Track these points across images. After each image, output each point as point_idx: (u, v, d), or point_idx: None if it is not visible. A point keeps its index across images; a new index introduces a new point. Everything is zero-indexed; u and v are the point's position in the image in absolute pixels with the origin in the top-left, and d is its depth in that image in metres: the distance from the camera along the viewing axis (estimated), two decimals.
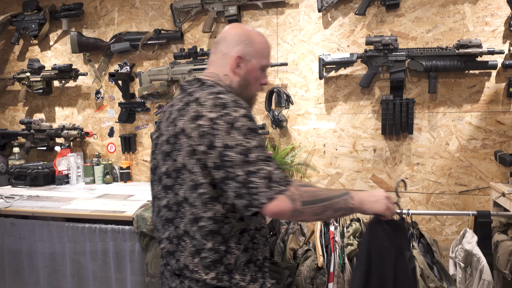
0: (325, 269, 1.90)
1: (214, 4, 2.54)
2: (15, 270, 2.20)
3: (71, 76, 2.85)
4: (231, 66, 1.25)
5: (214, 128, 1.06)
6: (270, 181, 1.04)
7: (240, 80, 1.26)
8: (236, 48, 1.25)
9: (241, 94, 1.24)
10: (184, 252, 1.16)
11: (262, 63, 1.29)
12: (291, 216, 1.06)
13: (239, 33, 1.27)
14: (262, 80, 1.32)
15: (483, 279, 1.77)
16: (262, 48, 1.29)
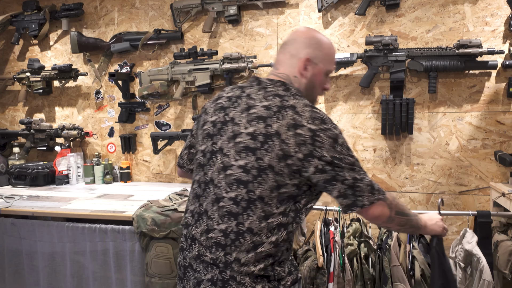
0: (325, 269, 1.90)
1: (214, 4, 2.54)
2: (15, 270, 2.20)
3: (71, 76, 2.85)
4: (299, 68, 1.28)
5: (316, 140, 1.14)
6: (372, 188, 1.19)
7: (307, 83, 1.30)
8: (305, 51, 1.29)
9: (306, 97, 1.26)
10: (239, 248, 1.16)
11: (328, 68, 1.32)
12: (385, 222, 1.25)
13: (309, 36, 1.31)
14: (325, 85, 1.35)
15: (483, 279, 1.76)
16: (330, 54, 1.33)
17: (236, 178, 1.16)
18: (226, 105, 1.27)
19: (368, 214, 1.21)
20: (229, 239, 1.17)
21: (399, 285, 1.81)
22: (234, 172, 1.17)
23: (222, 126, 1.23)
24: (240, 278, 1.16)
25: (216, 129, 1.25)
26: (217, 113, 1.28)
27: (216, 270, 1.18)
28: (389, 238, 1.96)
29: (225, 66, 2.50)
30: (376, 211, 1.20)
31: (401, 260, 1.85)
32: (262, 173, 1.14)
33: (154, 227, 1.94)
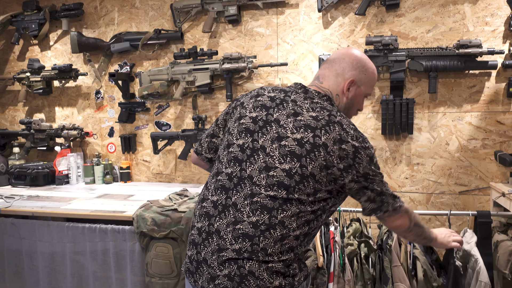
0: (325, 269, 1.90)
1: (214, 4, 2.54)
2: (15, 270, 2.20)
3: (71, 76, 2.85)
4: (343, 87, 1.35)
5: (357, 156, 1.23)
6: (395, 197, 1.33)
7: (347, 102, 1.37)
8: (351, 72, 1.36)
9: (346, 116, 1.35)
10: (268, 238, 1.20)
11: (368, 91, 1.41)
12: (405, 231, 1.39)
13: (357, 59, 1.38)
14: (360, 105, 1.44)
15: (480, 281, 1.77)
16: (373, 79, 1.41)
17: (278, 180, 1.21)
18: (269, 105, 1.30)
19: (389, 220, 1.34)
20: (258, 230, 1.20)
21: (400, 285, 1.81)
22: (277, 174, 1.21)
23: (265, 124, 1.27)
24: (259, 273, 1.18)
25: (257, 126, 1.28)
26: (258, 110, 1.30)
27: (234, 266, 1.19)
28: (389, 238, 1.96)
29: (225, 66, 2.50)
30: (397, 220, 1.34)
31: (402, 260, 1.85)
32: (304, 180, 1.20)
33: (154, 227, 1.94)
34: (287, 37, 2.53)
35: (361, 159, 1.23)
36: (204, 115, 2.63)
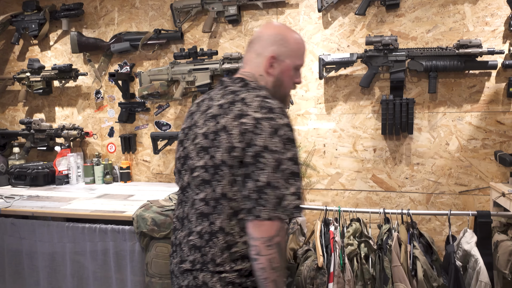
0: (325, 269, 1.90)
1: (214, 4, 2.54)
2: (15, 270, 2.20)
3: (71, 76, 2.85)
4: (265, 66, 1.27)
5: (257, 127, 1.10)
6: (278, 203, 1.08)
7: (274, 80, 1.29)
8: (271, 48, 1.27)
9: (275, 94, 1.26)
10: (214, 248, 1.17)
11: (296, 63, 1.31)
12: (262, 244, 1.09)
13: (274, 33, 1.29)
14: (295, 79, 1.34)
15: (480, 281, 1.77)
16: (297, 48, 1.31)
17: (201, 179, 1.18)
18: (193, 110, 1.31)
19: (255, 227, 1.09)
20: (204, 240, 1.18)
21: (400, 285, 1.81)
22: (199, 173, 1.18)
23: (188, 131, 1.27)
24: (212, 284, 1.16)
25: (184, 134, 1.29)
26: (187, 120, 1.31)
27: (190, 276, 1.20)
28: (389, 238, 1.96)
29: (225, 66, 2.50)
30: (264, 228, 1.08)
31: (402, 260, 1.85)
32: (218, 170, 1.14)
33: (154, 227, 1.94)
34: None
35: (262, 130, 1.10)
36: None
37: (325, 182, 2.52)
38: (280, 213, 1.07)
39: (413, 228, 2.02)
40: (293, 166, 1.11)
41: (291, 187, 1.09)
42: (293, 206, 1.09)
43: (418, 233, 2.04)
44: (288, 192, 1.08)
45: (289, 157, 1.10)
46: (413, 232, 2.00)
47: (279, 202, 1.07)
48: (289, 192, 1.08)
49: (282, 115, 1.14)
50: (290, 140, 1.12)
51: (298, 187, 1.11)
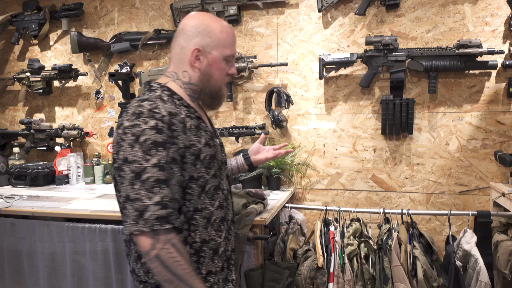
0: (325, 269, 1.90)
1: (214, 4, 2.54)
2: (15, 270, 2.20)
3: (71, 76, 2.85)
4: (190, 60, 1.21)
5: (122, 138, 1.06)
6: (140, 216, 1.02)
7: (201, 75, 1.22)
8: (194, 41, 1.20)
9: (205, 89, 1.24)
10: (131, 257, 1.20)
11: (224, 53, 1.22)
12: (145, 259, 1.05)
13: (196, 24, 1.21)
14: (229, 70, 1.27)
15: (480, 281, 1.77)
16: (223, 38, 1.22)
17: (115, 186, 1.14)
18: None
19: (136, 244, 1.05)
20: (127, 248, 1.22)
21: (400, 285, 1.81)
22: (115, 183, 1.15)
23: None
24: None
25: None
26: None
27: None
28: (389, 238, 1.96)
29: None
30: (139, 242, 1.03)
31: (402, 260, 1.85)
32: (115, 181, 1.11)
33: None
34: (287, 37, 2.53)
35: (125, 141, 1.05)
36: None
37: (325, 182, 2.52)
38: (142, 227, 1.01)
39: (413, 228, 2.02)
40: (158, 173, 1.04)
41: (155, 196, 1.03)
42: (155, 217, 1.01)
43: (418, 233, 2.04)
44: (151, 202, 1.02)
45: (153, 163, 1.04)
46: (413, 232, 2.00)
47: (139, 215, 1.02)
48: (152, 202, 1.02)
49: (148, 118, 1.06)
50: (156, 144, 1.05)
51: (165, 195, 1.04)
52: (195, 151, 1.14)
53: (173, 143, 1.08)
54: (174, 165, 1.08)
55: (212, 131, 1.28)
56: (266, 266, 1.90)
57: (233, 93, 2.61)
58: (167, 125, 1.08)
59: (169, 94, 1.18)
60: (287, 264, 1.94)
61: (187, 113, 1.17)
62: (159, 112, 1.08)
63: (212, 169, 1.20)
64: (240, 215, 1.84)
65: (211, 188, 1.20)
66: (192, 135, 1.14)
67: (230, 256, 1.30)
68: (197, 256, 1.18)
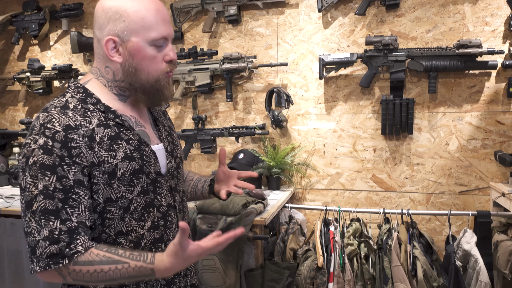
0: (325, 269, 1.90)
1: (214, 4, 2.54)
2: (15, 270, 2.20)
3: (71, 76, 2.84)
4: (106, 53, 1.00)
5: (18, 160, 0.95)
6: (32, 253, 0.92)
7: (123, 67, 1.01)
8: (106, 29, 0.99)
9: (135, 85, 1.03)
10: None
11: (148, 37, 0.99)
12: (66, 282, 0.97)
13: (106, 7, 0.99)
14: (164, 57, 1.03)
15: (480, 281, 1.77)
16: (141, 18, 0.98)
17: None
18: None
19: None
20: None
21: (400, 285, 1.81)
22: None
23: None
24: None
25: None
26: None
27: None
28: (389, 238, 1.96)
29: (225, 66, 2.50)
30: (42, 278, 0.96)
31: (402, 260, 1.86)
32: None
33: None
34: (287, 37, 2.53)
35: (19, 164, 0.94)
36: (204, 115, 2.63)
37: (325, 182, 2.52)
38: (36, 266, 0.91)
39: (413, 228, 2.02)
40: (45, 201, 0.90)
41: (44, 230, 0.89)
42: (46, 256, 0.90)
43: (418, 233, 2.04)
44: (40, 237, 0.90)
45: (40, 190, 0.90)
46: (413, 232, 2.00)
47: (32, 251, 0.91)
48: (41, 237, 0.90)
49: (38, 136, 0.91)
50: (43, 167, 0.90)
51: (55, 228, 0.90)
52: (107, 168, 0.96)
53: (73, 163, 0.92)
54: (78, 188, 0.93)
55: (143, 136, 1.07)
56: (266, 266, 1.90)
57: (233, 93, 2.61)
58: (61, 143, 0.91)
59: (81, 98, 1.00)
60: (287, 264, 1.94)
61: (102, 121, 0.99)
62: (51, 128, 0.92)
63: (138, 186, 1.01)
64: (240, 215, 1.84)
65: (137, 208, 1.01)
66: (102, 150, 0.96)
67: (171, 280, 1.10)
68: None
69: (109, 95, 1.04)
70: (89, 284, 0.96)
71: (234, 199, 1.91)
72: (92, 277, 0.92)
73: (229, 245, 1.04)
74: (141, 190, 1.02)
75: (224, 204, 1.88)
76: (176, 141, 1.21)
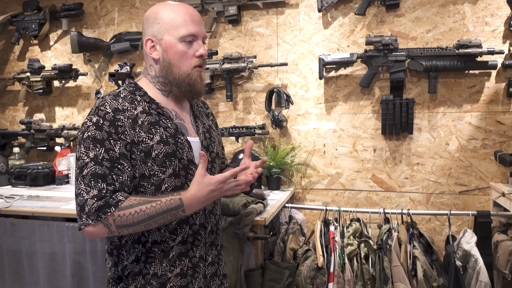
0: (325, 269, 1.90)
1: (214, 4, 2.54)
2: (15, 270, 2.20)
3: (71, 76, 2.85)
4: (148, 53, 1.20)
5: (78, 136, 1.13)
6: (81, 210, 1.07)
7: (161, 65, 1.19)
8: (147, 32, 1.19)
9: (170, 78, 1.19)
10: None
11: (178, 34, 1.16)
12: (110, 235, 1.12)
13: (147, 15, 1.20)
14: (196, 52, 1.19)
15: (480, 281, 1.77)
16: (171, 19, 1.16)
17: None
18: None
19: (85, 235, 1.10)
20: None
21: (400, 285, 1.81)
22: None
23: None
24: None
25: None
26: None
27: None
28: (389, 238, 1.96)
29: (225, 66, 2.50)
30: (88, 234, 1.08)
31: (402, 260, 1.86)
32: None
33: None
34: (287, 37, 2.53)
35: (78, 137, 1.13)
36: None
37: (325, 182, 2.52)
38: (85, 221, 1.06)
39: (413, 228, 2.02)
40: (95, 167, 1.07)
41: (92, 190, 1.07)
42: (95, 208, 1.06)
43: (418, 233, 2.04)
44: (88, 196, 1.06)
45: (91, 157, 1.08)
46: (413, 232, 2.00)
47: (82, 208, 1.07)
48: (89, 196, 1.06)
49: (93, 116, 1.11)
50: (94, 140, 1.08)
51: (101, 188, 1.07)
52: (144, 148, 1.12)
53: (118, 139, 1.09)
54: (123, 160, 1.10)
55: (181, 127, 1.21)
56: (266, 266, 1.90)
57: (233, 93, 2.61)
58: (109, 122, 1.09)
59: (131, 90, 1.19)
60: (287, 264, 1.94)
61: (146, 109, 1.16)
62: (103, 109, 1.11)
63: (169, 168, 1.15)
64: (240, 215, 1.84)
65: (168, 189, 1.15)
66: (142, 132, 1.12)
67: (197, 263, 1.22)
68: (145, 256, 1.17)
69: (154, 90, 1.22)
70: (130, 229, 1.08)
71: (234, 199, 1.91)
72: (134, 218, 1.06)
73: (229, 245, 1.11)
74: (172, 172, 1.15)
75: (224, 204, 1.88)
76: (215, 138, 1.35)
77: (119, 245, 1.18)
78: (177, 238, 1.18)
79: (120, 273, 1.19)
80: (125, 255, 1.18)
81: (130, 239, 1.17)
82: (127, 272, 1.18)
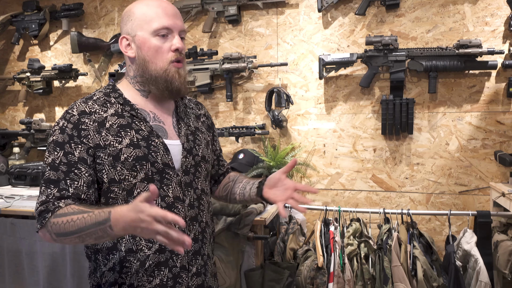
0: (325, 269, 1.90)
1: (214, 4, 2.54)
2: (15, 270, 2.20)
3: (71, 76, 2.84)
4: (124, 52, 1.16)
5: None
6: (35, 213, 1.07)
7: (136, 62, 1.15)
8: (122, 31, 1.17)
9: (147, 76, 1.14)
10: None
11: (151, 28, 1.11)
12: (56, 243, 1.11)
13: (123, 13, 1.17)
14: (171, 46, 1.13)
15: (480, 281, 1.77)
16: (143, 13, 1.12)
17: None
18: None
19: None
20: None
21: (400, 285, 1.81)
22: None
23: None
24: None
25: None
26: None
27: None
28: (389, 238, 1.96)
29: (225, 66, 2.50)
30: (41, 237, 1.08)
31: (402, 260, 1.86)
32: None
33: None
34: (287, 37, 2.53)
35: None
36: None
37: (325, 182, 2.52)
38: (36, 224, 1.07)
39: (413, 228, 2.02)
40: (49, 172, 1.06)
41: (41, 196, 1.06)
42: (38, 213, 1.05)
43: (418, 233, 2.04)
44: (38, 201, 1.07)
45: (48, 163, 1.08)
46: (413, 232, 2.00)
47: (35, 213, 1.07)
48: (38, 201, 1.07)
49: (60, 119, 1.10)
50: (56, 144, 1.07)
51: (50, 193, 1.05)
52: (112, 151, 1.08)
53: (80, 143, 1.07)
54: (81, 165, 1.07)
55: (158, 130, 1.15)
56: (266, 266, 1.90)
57: (233, 93, 2.61)
58: (73, 125, 1.08)
59: (107, 92, 1.16)
60: (287, 264, 1.94)
61: (118, 112, 1.12)
62: (70, 113, 1.10)
63: (141, 172, 1.09)
64: (240, 215, 1.84)
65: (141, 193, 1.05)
66: (110, 135, 1.09)
67: (178, 273, 1.14)
68: (120, 266, 1.11)
69: (133, 91, 1.18)
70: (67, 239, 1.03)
71: None
72: (66, 228, 1.00)
73: (229, 245, 1.09)
74: (144, 176, 1.10)
75: (224, 204, 1.88)
76: (201, 141, 1.26)
77: (96, 250, 1.15)
78: (153, 246, 1.11)
79: (99, 280, 1.15)
80: (101, 261, 1.14)
81: (105, 245, 1.12)
82: (104, 279, 1.13)
